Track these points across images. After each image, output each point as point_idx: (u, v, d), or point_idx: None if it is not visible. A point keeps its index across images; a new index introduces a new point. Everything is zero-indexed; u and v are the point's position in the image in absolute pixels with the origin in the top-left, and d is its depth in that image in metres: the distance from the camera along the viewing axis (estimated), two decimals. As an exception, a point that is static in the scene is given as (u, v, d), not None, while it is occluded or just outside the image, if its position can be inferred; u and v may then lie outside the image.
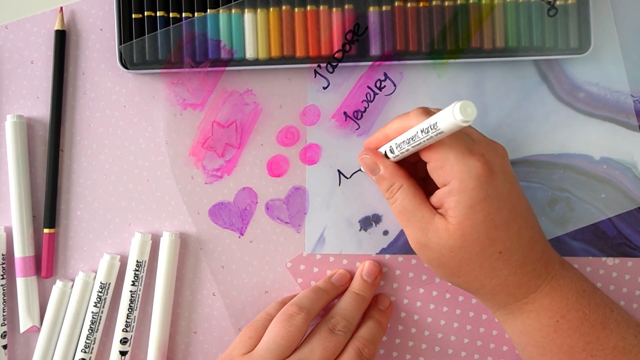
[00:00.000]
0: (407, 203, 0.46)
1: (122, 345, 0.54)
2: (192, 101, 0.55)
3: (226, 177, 0.55)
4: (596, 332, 0.44)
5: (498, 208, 0.43)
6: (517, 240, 0.44)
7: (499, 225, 0.43)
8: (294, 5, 0.53)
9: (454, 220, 0.43)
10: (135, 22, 0.53)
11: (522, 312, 0.46)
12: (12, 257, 0.55)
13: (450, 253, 0.44)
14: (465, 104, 0.36)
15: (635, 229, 0.54)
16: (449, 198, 0.43)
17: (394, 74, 0.54)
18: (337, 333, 0.49)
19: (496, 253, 0.44)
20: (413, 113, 0.45)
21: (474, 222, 0.43)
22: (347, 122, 0.55)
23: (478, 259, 0.44)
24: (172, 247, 0.54)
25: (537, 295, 0.45)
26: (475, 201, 0.42)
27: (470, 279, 0.45)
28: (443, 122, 0.38)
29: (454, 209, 0.43)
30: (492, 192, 0.42)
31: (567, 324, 0.45)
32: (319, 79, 0.55)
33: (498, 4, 0.52)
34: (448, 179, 0.43)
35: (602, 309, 0.45)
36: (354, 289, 0.53)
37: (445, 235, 0.44)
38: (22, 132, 0.55)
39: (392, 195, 0.47)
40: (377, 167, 0.48)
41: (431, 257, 0.46)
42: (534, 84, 0.54)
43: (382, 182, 0.47)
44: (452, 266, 0.45)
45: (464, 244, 0.43)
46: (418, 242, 0.46)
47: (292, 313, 0.49)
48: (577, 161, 0.54)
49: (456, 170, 0.42)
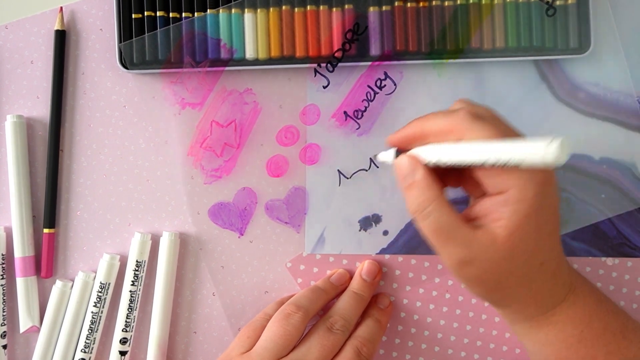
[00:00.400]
0: (444, 219, 0.40)
1: (122, 345, 0.54)
2: (191, 100, 0.55)
3: (225, 177, 0.55)
4: (617, 342, 0.44)
5: (548, 217, 0.41)
6: (554, 250, 0.43)
7: (545, 235, 0.41)
8: (294, 5, 0.53)
9: (504, 232, 0.39)
10: (135, 22, 0.53)
11: (547, 324, 0.45)
12: (12, 257, 0.55)
13: (496, 267, 0.40)
14: (565, 141, 0.33)
15: (635, 229, 0.54)
16: (503, 208, 0.39)
17: (394, 73, 0.54)
18: (335, 332, 0.49)
19: (538, 264, 0.41)
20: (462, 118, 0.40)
21: (524, 233, 0.39)
22: (347, 122, 0.55)
23: (521, 270, 0.41)
24: (172, 247, 0.54)
25: (564, 306, 0.44)
26: (532, 210, 0.39)
27: (509, 292, 0.43)
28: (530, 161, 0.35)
29: (507, 219, 0.39)
30: (546, 201, 0.40)
31: (591, 333, 0.44)
32: (319, 78, 0.55)
33: (498, 4, 0.52)
34: (506, 186, 0.39)
35: (621, 317, 0.45)
36: (353, 288, 0.53)
37: (492, 248, 0.40)
38: (22, 132, 0.55)
39: (422, 209, 0.41)
40: (412, 174, 0.42)
41: (473, 274, 0.42)
42: (534, 84, 0.54)
43: (412, 193, 0.42)
44: (494, 281, 0.42)
45: (511, 255, 0.40)
46: (460, 261, 0.41)
47: (290, 312, 0.49)
48: (577, 161, 0.54)
49: (518, 177, 0.39)
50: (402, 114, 0.54)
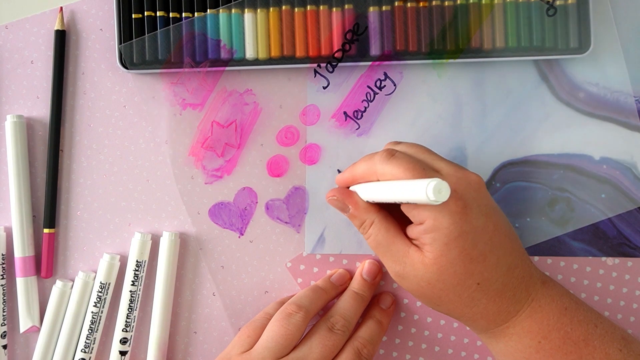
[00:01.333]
0: (380, 238, 0.46)
1: (122, 345, 0.54)
2: (192, 101, 0.55)
3: (226, 177, 0.55)
4: (579, 350, 0.44)
5: (473, 242, 0.42)
6: (495, 270, 0.43)
7: (475, 258, 0.43)
8: (294, 5, 0.53)
9: (430, 255, 0.43)
10: (135, 22, 0.53)
11: (503, 336, 0.46)
12: (12, 257, 0.55)
13: (428, 285, 0.44)
14: (439, 185, 0.35)
15: (635, 229, 0.54)
16: (424, 235, 0.43)
17: (394, 73, 0.54)
18: (336, 332, 0.49)
19: (474, 284, 0.43)
20: (377, 158, 0.45)
21: (449, 258, 0.42)
22: (347, 122, 0.55)
23: (456, 290, 0.44)
24: (172, 247, 0.54)
25: (517, 319, 0.45)
26: (450, 238, 0.42)
27: (450, 308, 0.45)
28: (416, 199, 0.38)
29: (430, 245, 0.43)
30: (466, 228, 0.42)
31: (549, 344, 0.44)
32: (319, 79, 0.55)
33: (498, 4, 0.52)
34: (421, 218, 0.43)
35: (585, 325, 0.45)
36: (353, 288, 0.53)
37: (422, 268, 0.43)
38: (22, 132, 0.55)
39: (365, 231, 0.47)
40: (346, 207, 0.48)
41: (410, 287, 0.46)
42: (534, 84, 0.54)
43: (353, 219, 0.48)
44: (431, 296, 0.45)
45: (441, 277, 0.43)
46: (396, 274, 0.46)
47: (290, 312, 0.49)
48: (577, 161, 0.54)
49: (429, 209, 0.42)
50: (401, 114, 0.54)
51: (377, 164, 0.45)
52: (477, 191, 0.44)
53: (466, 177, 0.44)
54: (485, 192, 0.45)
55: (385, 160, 0.44)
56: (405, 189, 0.39)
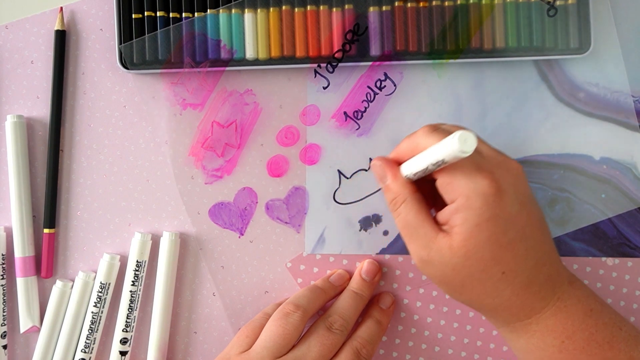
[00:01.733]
0: (410, 218, 0.44)
1: (122, 345, 0.54)
2: (192, 101, 0.55)
3: (226, 177, 0.55)
4: (602, 353, 0.43)
5: (504, 228, 0.41)
6: (523, 262, 0.43)
7: (504, 245, 0.42)
8: (294, 5, 0.53)
9: (459, 238, 0.42)
10: (135, 22, 0.53)
11: (526, 332, 0.45)
12: (12, 257, 0.55)
13: (453, 271, 0.43)
14: (463, 135, 0.35)
15: (635, 229, 0.54)
16: (455, 215, 0.42)
17: (394, 73, 0.54)
18: (335, 331, 0.49)
19: (499, 273, 0.42)
20: (420, 133, 0.44)
21: (478, 241, 0.41)
22: (347, 122, 0.55)
23: (481, 277, 0.43)
24: (172, 247, 0.54)
25: (542, 316, 0.44)
26: (481, 220, 0.41)
27: (473, 297, 0.44)
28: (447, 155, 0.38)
29: (459, 226, 0.42)
30: (499, 212, 0.41)
31: (573, 344, 0.43)
32: (319, 79, 0.55)
33: (498, 4, 0.52)
34: (455, 196, 0.42)
35: (609, 328, 0.44)
36: (352, 287, 0.53)
37: (449, 253, 0.42)
38: (22, 132, 0.55)
39: (395, 207, 0.46)
40: (385, 177, 0.46)
41: (433, 274, 0.45)
42: (534, 84, 0.54)
43: (387, 192, 0.46)
44: (455, 284, 0.44)
45: (467, 263, 0.42)
46: (420, 259, 0.44)
47: (288, 311, 0.49)
48: (577, 161, 0.54)
49: (463, 187, 0.41)
50: (402, 114, 0.54)
51: (419, 137, 0.44)
52: (516, 178, 0.43)
53: (506, 162, 0.43)
54: (524, 181, 0.44)
55: (429, 132, 0.44)
56: (437, 150, 0.39)
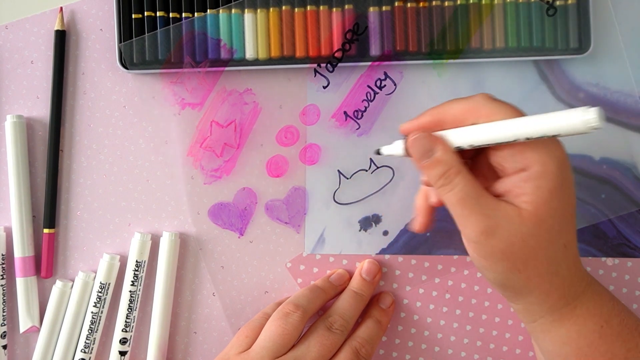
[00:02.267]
0: (469, 189, 0.40)
1: (122, 345, 0.54)
2: (191, 100, 0.55)
3: (225, 177, 0.55)
4: (635, 339, 0.43)
5: (570, 197, 0.41)
6: (575, 235, 0.42)
7: (568, 215, 0.41)
8: (294, 5, 0.53)
9: (530, 207, 0.39)
10: (135, 22, 0.53)
11: (570, 317, 0.43)
12: (12, 257, 0.55)
13: (521, 241, 0.40)
14: (599, 110, 0.34)
15: (635, 229, 0.54)
16: (526, 184, 0.39)
17: (394, 73, 0.54)
18: (334, 331, 0.49)
19: (562, 246, 0.41)
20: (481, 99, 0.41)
21: (550, 209, 0.40)
22: (347, 122, 0.55)
23: (547, 250, 0.41)
24: (172, 247, 0.54)
25: (584, 298, 0.43)
26: (556, 185, 0.39)
27: (532, 274, 0.41)
28: (569, 129, 0.36)
29: (531, 194, 0.39)
30: (568, 179, 0.40)
31: (610, 329, 0.43)
32: (319, 79, 0.55)
33: (498, 4, 0.52)
34: (528, 163, 0.39)
35: (633, 316, 0.44)
36: (352, 287, 0.53)
37: (518, 221, 0.40)
38: (22, 132, 0.55)
39: (449, 181, 0.41)
40: (431, 150, 0.42)
41: (497, 248, 0.41)
42: (533, 84, 0.54)
43: (436, 166, 0.41)
44: (519, 257, 0.41)
45: (537, 231, 0.40)
46: (483, 230, 0.40)
47: (288, 311, 0.49)
48: (577, 161, 0.54)
49: (539, 153, 0.39)
50: (402, 114, 0.54)
51: (480, 101, 0.41)
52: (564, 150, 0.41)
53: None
54: None
55: (492, 100, 0.41)
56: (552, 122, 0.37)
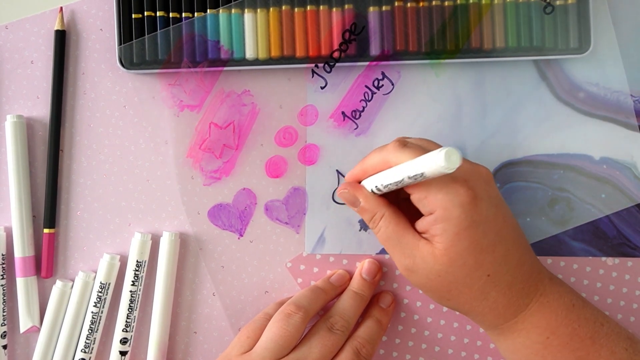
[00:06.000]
0: (390, 231, 0.46)
1: (122, 345, 0.54)
2: (189, 102, 0.55)
3: (224, 178, 0.55)
4: (586, 347, 0.44)
5: (484, 233, 0.43)
6: (505, 263, 0.44)
7: (485, 249, 0.43)
8: (294, 5, 0.53)
9: (440, 246, 0.43)
10: (135, 22, 0.53)
11: (512, 332, 0.46)
12: (12, 257, 0.55)
13: (438, 278, 0.44)
14: (449, 152, 0.36)
15: (635, 228, 0.54)
16: (434, 226, 0.43)
17: (392, 73, 0.54)
18: (336, 332, 0.49)
19: (484, 276, 0.44)
20: (390, 148, 0.45)
21: (460, 248, 0.43)
22: (345, 122, 0.55)
23: (466, 282, 0.44)
24: (172, 247, 0.55)
25: (527, 313, 0.45)
26: (460, 228, 0.42)
27: (461, 301, 0.45)
28: (428, 170, 0.38)
29: (440, 236, 0.43)
30: (477, 218, 0.42)
31: (557, 340, 0.44)
32: (317, 79, 0.54)
33: (498, 3, 0.52)
34: (432, 208, 0.43)
35: (591, 323, 0.45)
36: (353, 287, 0.53)
37: (432, 260, 0.43)
38: (22, 132, 0.55)
39: (375, 224, 0.47)
40: (357, 200, 0.48)
41: (420, 282, 0.46)
42: (533, 84, 0.54)
43: (364, 213, 0.48)
44: (441, 290, 0.45)
45: (451, 269, 0.43)
46: (405, 268, 0.46)
47: (290, 312, 0.49)
48: (577, 161, 0.54)
49: (440, 199, 0.42)
50: (400, 113, 0.54)
51: (390, 153, 0.45)
52: (487, 183, 0.44)
53: (476, 169, 0.45)
54: (494, 184, 0.45)
55: (399, 148, 0.44)
56: (417, 163, 0.39)
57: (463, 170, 0.43)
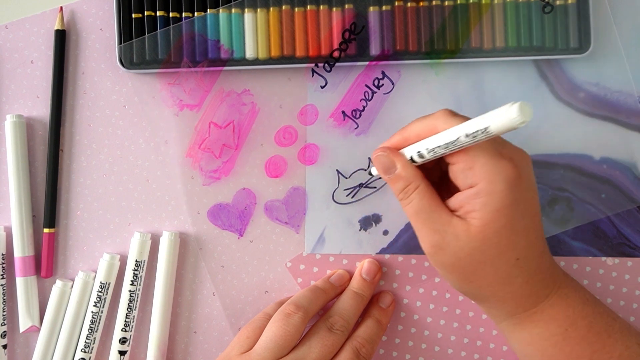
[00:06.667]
0: (424, 204, 0.44)
1: (122, 345, 0.54)
2: (189, 102, 0.55)
3: (224, 178, 0.55)
4: (602, 341, 0.44)
5: (522, 214, 0.42)
6: (533, 249, 0.43)
7: (520, 231, 0.42)
8: (294, 4, 0.53)
9: (478, 222, 0.42)
10: (135, 21, 0.53)
11: (530, 322, 0.45)
12: (12, 257, 0.55)
13: (468, 256, 0.43)
14: (523, 104, 0.35)
15: (635, 228, 0.54)
16: (474, 200, 0.41)
17: (392, 72, 0.54)
18: (335, 332, 0.49)
19: (513, 259, 0.43)
20: (440, 115, 0.43)
21: (497, 226, 0.41)
22: (345, 122, 0.55)
23: (495, 263, 0.43)
24: (171, 247, 0.55)
25: (546, 304, 0.45)
26: (502, 204, 0.41)
27: (484, 284, 0.44)
28: (497, 124, 0.37)
29: (479, 211, 0.41)
30: (518, 197, 0.41)
31: (575, 332, 0.44)
32: (317, 78, 0.54)
33: (498, 3, 0.52)
34: (476, 180, 0.41)
35: (605, 317, 0.45)
36: (353, 287, 0.53)
37: (465, 237, 0.42)
38: (22, 132, 0.55)
39: (407, 195, 0.44)
40: (393, 166, 0.45)
41: (446, 261, 0.44)
42: (533, 84, 0.54)
43: (397, 181, 0.45)
44: (467, 270, 0.44)
45: (484, 247, 0.42)
46: (434, 244, 0.44)
47: (289, 312, 0.49)
48: (577, 161, 0.54)
49: (486, 171, 0.41)
50: (400, 113, 0.54)
51: (438, 119, 0.43)
52: (529, 165, 0.43)
53: (520, 150, 0.44)
54: (533, 171, 0.44)
55: (450, 115, 0.43)
56: (483, 119, 0.38)
57: (509, 147, 0.43)
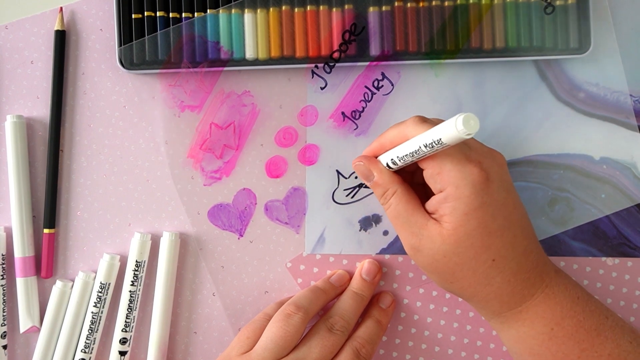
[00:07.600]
0: (401, 208, 0.46)
1: (122, 345, 0.54)
2: (190, 103, 0.55)
3: (225, 178, 0.55)
4: (591, 339, 0.44)
5: (493, 215, 0.43)
6: (512, 249, 0.44)
7: (493, 232, 0.43)
8: (294, 5, 0.53)
9: (449, 226, 0.43)
10: (135, 22, 0.53)
11: (516, 320, 0.46)
12: (12, 257, 0.55)
13: (444, 258, 0.44)
14: (468, 116, 0.36)
15: (635, 228, 0.54)
16: (444, 204, 0.43)
17: (392, 73, 0.54)
18: (335, 332, 0.49)
19: (489, 260, 0.44)
20: (410, 122, 0.45)
21: (468, 229, 0.43)
22: (345, 122, 0.55)
23: (471, 265, 0.44)
24: (172, 247, 0.55)
25: (531, 303, 0.45)
26: (470, 208, 0.42)
27: (464, 285, 0.45)
28: (446, 136, 0.38)
29: (449, 215, 0.43)
30: (487, 200, 0.43)
31: (562, 331, 0.45)
32: (317, 79, 0.54)
33: (498, 3, 0.52)
34: (444, 185, 0.43)
35: (596, 315, 0.45)
36: (353, 288, 0.53)
37: (439, 240, 0.44)
38: (22, 132, 0.55)
39: (386, 200, 0.47)
40: (371, 174, 0.48)
41: (425, 262, 0.46)
42: (533, 84, 0.54)
43: (376, 188, 0.48)
44: (446, 272, 0.45)
45: (457, 250, 0.44)
46: (412, 247, 0.46)
47: (289, 312, 0.49)
48: (577, 161, 0.54)
49: (452, 176, 0.43)
50: (399, 114, 0.54)
51: (408, 126, 0.45)
52: (501, 167, 0.45)
53: (491, 152, 0.45)
54: (507, 171, 0.45)
55: (418, 122, 0.44)
56: (435, 131, 0.39)
57: (478, 152, 0.44)
